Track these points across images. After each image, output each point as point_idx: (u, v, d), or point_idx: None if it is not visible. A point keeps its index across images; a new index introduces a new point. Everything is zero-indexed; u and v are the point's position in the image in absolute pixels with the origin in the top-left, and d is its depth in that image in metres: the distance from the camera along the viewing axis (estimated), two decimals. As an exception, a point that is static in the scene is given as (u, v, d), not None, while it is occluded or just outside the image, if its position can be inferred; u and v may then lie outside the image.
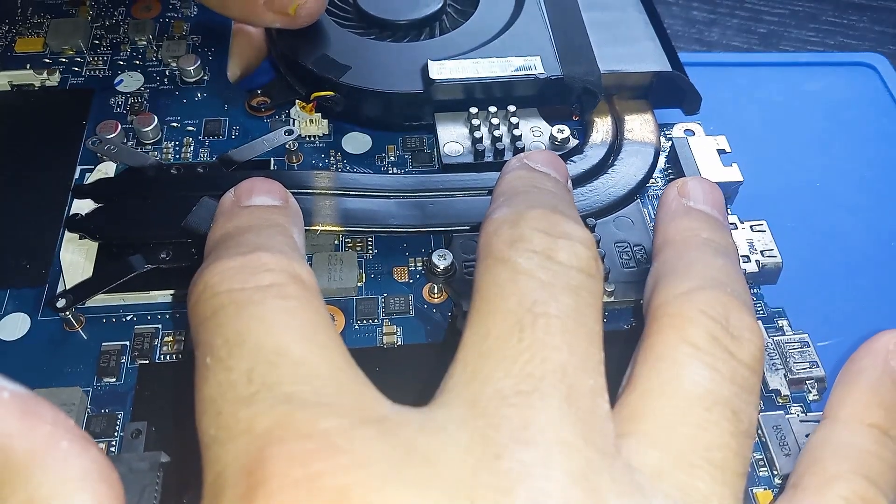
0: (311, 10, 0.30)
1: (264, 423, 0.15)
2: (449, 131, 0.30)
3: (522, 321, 0.16)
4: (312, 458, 0.14)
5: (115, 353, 0.25)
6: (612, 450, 0.15)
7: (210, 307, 0.17)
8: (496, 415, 0.15)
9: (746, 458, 0.16)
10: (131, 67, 0.34)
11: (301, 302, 0.17)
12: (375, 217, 0.27)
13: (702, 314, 0.17)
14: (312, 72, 0.30)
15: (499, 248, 0.18)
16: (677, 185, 0.22)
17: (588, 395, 0.16)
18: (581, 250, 0.18)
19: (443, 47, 0.31)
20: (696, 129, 0.31)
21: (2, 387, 0.15)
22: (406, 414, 0.16)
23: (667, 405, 0.16)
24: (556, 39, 0.31)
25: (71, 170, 0.30)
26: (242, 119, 0.32)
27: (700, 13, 0.75)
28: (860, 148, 0.36)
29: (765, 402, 0.24)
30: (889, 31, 0.75)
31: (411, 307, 0.26)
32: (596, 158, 0.29)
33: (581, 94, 0.30)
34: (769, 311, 0.27)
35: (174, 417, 0.23)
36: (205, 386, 0.16)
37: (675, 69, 0.30)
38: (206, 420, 0.16)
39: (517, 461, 0.14)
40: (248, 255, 0.18)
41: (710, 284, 0.18)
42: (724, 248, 0.20)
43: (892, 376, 0.19)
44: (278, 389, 0.15)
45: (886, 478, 0.17)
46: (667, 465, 0.16)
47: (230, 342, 0.16)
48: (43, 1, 0.37)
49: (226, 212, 0.21)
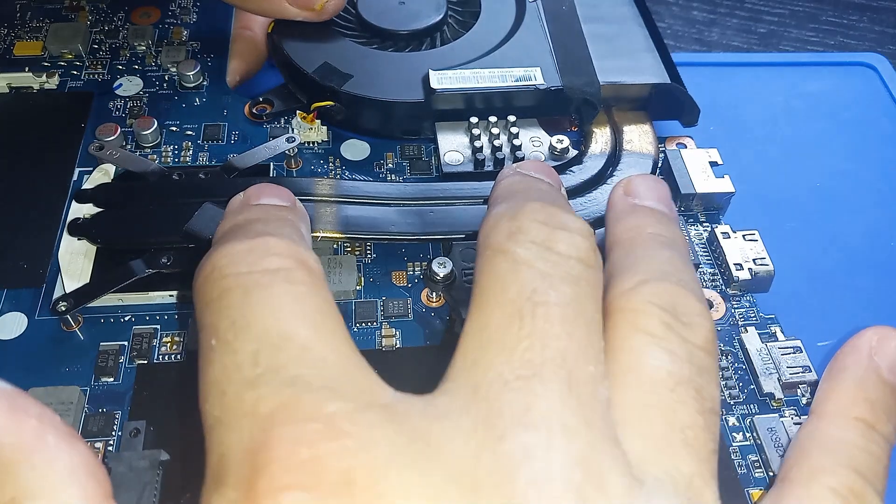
0: (338, 4, 0.31)
1: (269, 405, 0.15)
2: (449, 140, 0.30)
3: (522, 310, 0.16)
4: (317, 440, 0.14)
5: (113, 352, 0.25)
6: (613, 434, 0.16)
7: (217, 289, 0.17)
8: (498, 400, 0.15)
9: (715, 434, 0.17)
10: (130, 72, 0.34)
11: (308, 287, 0.17)
12: (376, 224, 0.27)
13: (650, 304, 0.17)
14: (314, 80, 0.30)
15: (498, 240, 0.18)
16: (623, 184, 0.22)
17: (589, 381, 0.16)
18: (580, 241, 0.18)
19: (444, 57, 0.31)
20: (689, 142, 0.32)
21: None
22: (409, 400, 0.16)
23: (635, 392, 0.16)
24: (556, 51, 0.31)
25: (69, 171, 0.30)
26: (242, 124, 0.32)
27: (700, 13, 0.75)
28: (860, 148, 0.36)
29: (759, 405, 0.25)
30: (889, 31, 0.76)
31: (410, 311, 0.26)
32: (595, 169, 0.29)
33: (580, 104, 0.30)
34: (762, 318, 0.27)
35: (173, 417, 0.23)
36: (209, 368, 0.16)
37: (673, 81, 0.31)
38: (210, 402, 0.15)
39: (519, 444, 0.14)
40: (256, 238, 0.18)
41: (656, 276, 0.18)
42: (670, 241, 0.20)
43: (875, 372, 0.19)
44: (284, 372, 0.15)
45: (874, 470, 0.18)
46: (650, 450, 0.16)
47: (236, 325, 0.16)
48: (42, 5, 0.37)
49: (235, 210, 0.21)
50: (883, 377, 0.19)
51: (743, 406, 0.24)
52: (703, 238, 0.29)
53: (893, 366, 0.19)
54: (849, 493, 0.17)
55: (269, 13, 0.31)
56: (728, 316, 0.27)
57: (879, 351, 0.19)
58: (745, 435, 0.24)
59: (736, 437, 0.24)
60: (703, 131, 0.32)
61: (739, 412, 0.24)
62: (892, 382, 0.19)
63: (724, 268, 0.28)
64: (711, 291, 0.27)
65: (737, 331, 0.26)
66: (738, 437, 0.24)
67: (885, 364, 0.19)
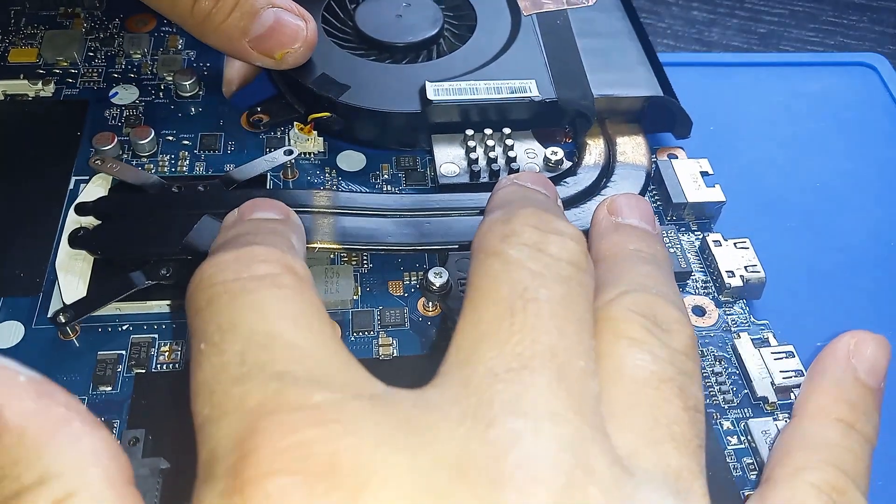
0: (298, 58, 0.30)
1: (256, 398, 0.15)
2: (445, 152, 0.31)
3: (514, 307, 0.17)
4: (303, 426, 0.14)
5: (111, 361, 0.25)
6: (603, 427, 0.16)
7: (205, 297, 0.17)
8: (488, 391, 0.15)
9: (701, 432, 0.17)
10: (126, 80, 0.34)
11: (294, 291, 0.17)
12: (373, 235, 0.27)
13: (631, 312, 0.18)
14: (312, 90, 0.31)
15: (491, 242, 0.18)
16: (606, 203, 0.22)
17: (579, 374, 0.16)
18: (571, 245, 0.18)
19: (440, 70, 0.32)
20: (680, 153, 0.32)
21: (18, 371, 0.15)
22: (399, 393, 0.16)
23: (620, 391, 0.17)
24: (550, 64, 0.32)
25: (66, 180, 0.30)
26: (238, 134, 0.32)
27: (700, 13, 0.76)
28: (860, 148, 0.36)
29: (753, 409, 0.25)
30: (889, 31, 0.76)
31: (407, 320, 0.27)
32: (589, 180, 0.30)
33: (575, 117, 0.31)
34: (754, 324, 0.27)
35: (171, 425, 0.23)
36: (198, 370, 0.16)
37: (666, 94, 0.31)
38: (200, 401, 0.16)
39: (508, 429, 0.15)
40: (243, 248, 0.18)
41: (635, 288, 0.19)
42: (650, 256, 0.21)
43: (854, 374, 0.20)
44: (270, 368, 0.15)
45: (856, 467, 0.18)
46: (639, 443, 0.16)
47: (223, 328, 0.16)
48: (37, 12, 0.37)
49: (229, 225, 0.21)
50: (861, 379, 0.20)
51: (737, 410, 0.25)
52: (695, 246, 0.29)
53: (870, 369, 0.20)
54: (831, 490, 0.18)
55: (232, 54, 0.31)
56: (721, 322, 0.27)
57: (856, 354, 0.20)
58: (740, 438, 0.24)
59: (731, 441, 0.24)
60: (703, 132, 0.32)
61: (734, 416, 0.25)
62: (869, 384, 0.20)
63: (717, 275, 0.28)
64: (704, 298, 0.28)
65: (730, 336, 0.27)
66: (733, 440, 0.24)
67: (862, 367, 0.20)
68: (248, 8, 0.28)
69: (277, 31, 0.29)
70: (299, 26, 0.29)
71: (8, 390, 0.15)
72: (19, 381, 0.15)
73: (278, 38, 0.29)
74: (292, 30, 0.29)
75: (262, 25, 0.29)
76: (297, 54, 0.30)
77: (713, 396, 0.25)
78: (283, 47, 0.29)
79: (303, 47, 0.30)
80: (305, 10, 0.30)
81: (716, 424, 0.25)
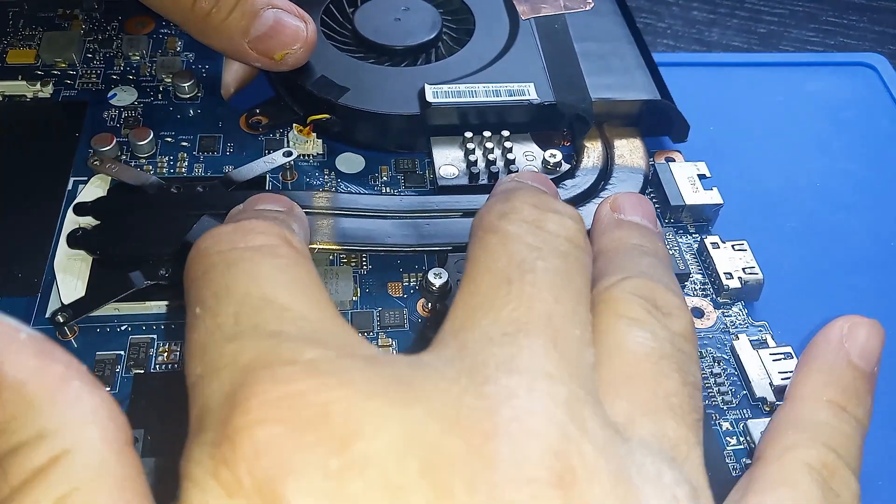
0: (298, 59, 0.30)
1: (249, 355, 0.15)
2: (444, 154, 0.31)
3: (510, 276, 0.17)
4: (295, 378, 0.14)
5: (109, 362, 0.25)
6: (596, 395, 0.16)
7: (201, 266, 0.17)
8: (482, 352, 0.15)
9: (699, 407, 0.17)
10: (125, 82, 0.34)
11: (292, 261, 0.17)
12: (372, 236, 0.28)
13: (631, 295, 0.18)
14: (311, 93, 0.31)
15: (490, 219, 0.18)
16: (609, 200, 0.23)
17: (574, 342, 0.16)
18: (570, 223, 0.18)
19: (439, 73, 0.32)
20: (677, 156, 0.32)
21: (19, 328, 0.15)
22: (393, 356, 0.16)
23: (619, 364, 0.17)
24: (548, 68, 0.32)
25: (64, 180, 0.30)
26: (237, 136, 0.32)
27: (700, 13, 0.75)
28: (860, 148, 0.36)
29: (752, 409, 0.25)
30: (889, 31, 0.76)
31: (406, 321, 0.27)
32: (587, 183, 0.30)
33: (573, 120, 0.31)
34: (752, 325, 0.27)
35: (170, 426, 0.23)
36: (192, 333, 0.16)
37: (664, 98, 0.31)
38: (193, 362, 0.16)
39: (502, 386, 0.15)
40: (241, 222, 0.18)
41: (636, 275, 0.19)
42: (651, 251, 0.21)
43: (845, 358, 0.20)
44: (263, 328, 0.15)
45: (847, 448, 0.18)
46: (636, 412, 0.16)
47: (218, 293, 0.16)
48: (35, 13, 0.37)
49: (232, 216, 0.21)
50: (853, 362, 0.20)
51: (736, 411, 0.25)
52: (693, 249, 0.30)
53: (862, 352, 0.20)
54: (822, 468, 0.18)
55: (231, 54, 0.31)
56: (719, 324, 0.27)
57: (849, 338, 0.20)
58: (739, 439, 0.24)
59: (730, 441, 0.24)
60: (702, 132, 0.32)
61: (733, 417, 0.25)
62: (862, 367, 0.20)
63: (715, 277, 0.28)
64: (702, 300, 0.28)
65: (729, 338, 0.27)
66: (732, 441, 0.24)
67: (854, 350, 0.20)
68: (249, 8, 0.28)
69: (277, 31, 0.29)
70: (299, 27, 0.30)
71: (8, 346, 0.15)
72: (20, 338, 0.15)
73: (278, 38, 0.29)
74: (292, 30, 0.29)
75: (262, 26, 0.29)
76: (296, 55, 0.30)
77: (712, 398, 0.25)
78: (282, 48, 0.29)
79: (302, 48, 0.30)
80: (305, 12, 0.30)
81: (715, 425, 0.25)
